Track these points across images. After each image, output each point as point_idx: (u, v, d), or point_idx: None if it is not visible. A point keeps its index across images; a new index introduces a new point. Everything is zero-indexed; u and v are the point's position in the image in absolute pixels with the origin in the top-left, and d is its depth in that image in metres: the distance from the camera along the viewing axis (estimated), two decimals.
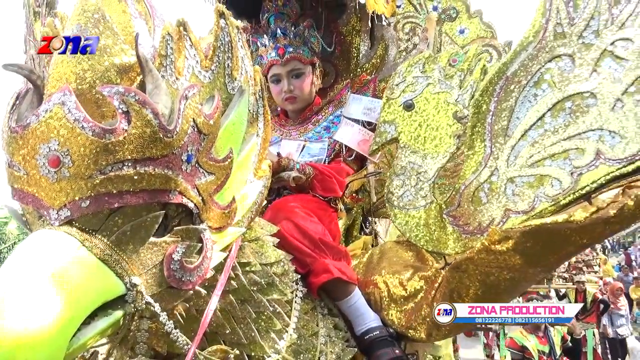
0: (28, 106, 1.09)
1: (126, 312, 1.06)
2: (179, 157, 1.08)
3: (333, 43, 2.46)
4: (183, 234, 1.15)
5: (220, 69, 1.28)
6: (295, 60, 2.20)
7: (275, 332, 1.51)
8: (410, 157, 1.83)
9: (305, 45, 2.27)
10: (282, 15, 2.28)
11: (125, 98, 1.00)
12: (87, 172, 0.98)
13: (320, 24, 2.43)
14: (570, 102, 1.59)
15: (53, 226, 1.00)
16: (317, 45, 2.33)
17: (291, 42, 2.22)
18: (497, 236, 1.50)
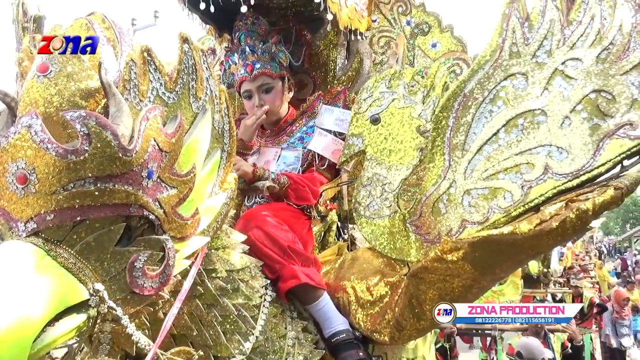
0: (4, 126, 1.19)
1: (90, 315, 1.16)
2: (139, 173, 1.18)
3: (302, 56, 2.53)
4: (145, 244, 1.24)
5: (185, 90, 1.38)
6: (264, 75, 2.28)
7: (240, 335, 1.60)
8: (375, 168, 1.92)
9: (274, 60, 2.34)
10: (251, 33, 2.36)
11: (86, 122, 1.09)
12: (52, 189, 1.08)
13: (290, 38, 2.51)
14: (522, 118, 1.68)
15: (21, 237, 1.10)
16: (285, 60, 2.39)
17: (259, 59, 2.30)
18: (448, 246, 1.59)
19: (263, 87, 2.30)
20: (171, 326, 1.38)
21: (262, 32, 2.38)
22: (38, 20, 2.45)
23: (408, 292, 1.75)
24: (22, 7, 2.53)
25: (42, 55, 1.18)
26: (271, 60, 2.31)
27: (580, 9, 1.70)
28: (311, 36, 2.57)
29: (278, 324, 1.80)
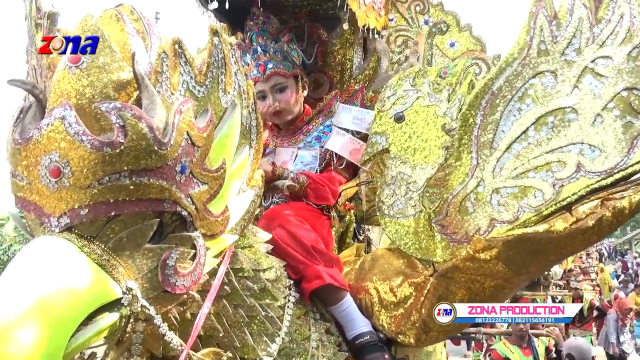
0: (31, 119, 1.15)
1: (122, 314, 1.12)
2: (173, 168, 1.14)
3: (314, 54, 2.50)
4: (177, 241, 1.21)
5: (214, 84, 1.34)
6: (277, 75, 2.25)
7: (267, 336, 1.56)
8: (400, 167, 1.89)
9: (286, 59, 2.31)
10: (263, 33, 2.33)
11: (122, 113, 1.06)
12: (86, 182, 1.04)
13: (302, 36, 2.48)
14: (552, 116, 1.65)
15: (53, 233, 1.06)
16: (297, 58, 2.36)
17: (272, 58, 2.27)
18: (481, 245, 1.56)
19: (276, 87, 2.27)
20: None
21: (273, 31, 2.35)
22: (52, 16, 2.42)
23: (436, 292, 1.72)
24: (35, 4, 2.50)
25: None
26: (284, 60, 2.28)
27: (609, 7, 1.68)
28: (327, 35, 2.54)
29: (302, 326, 1.76)
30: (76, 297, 1.01)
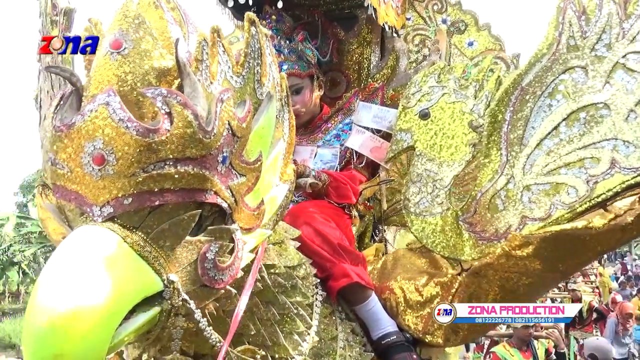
0: (68, 107, 1.11)
1: (163, 308, 1.08)
2: (215, 157, 1.11)
3: (329, 51, 2.47)
4: (216, 234, 1.17)
5: (250, 74, 1.31)
6: (292, 76, 2.20)
7: (298, 334, 1.53)
8: (426, 164, 1.87)
9: (301, 59, 2.28)
10: (276, 32, 2.29)
11: (168, 99, 1.03)
12: (130, 170, 1.01)
13: (316, 33, 2.46)
14: (584, 112, 1.64)
15: (96, 222, 1.02)
16: (312, 57, 2.32)
17: (286, 59, 2.24)
18: (517, 241, 1.54)
19: (292, 88, 2.23)
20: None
21: (286, 30, 2.33)
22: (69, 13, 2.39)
23: (467, 291, 1.69)
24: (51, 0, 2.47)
25: (114, 32, 1.10)
26: (298, 60, 2.25)
27: (638, 3, 1.68)
28: (344, 34, 2.53)
29: (329, 325, 1.73)
30: (121, 289, 0.97)
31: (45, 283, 0.91)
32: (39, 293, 0.90)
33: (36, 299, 0.90)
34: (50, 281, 0.91)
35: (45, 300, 0.89)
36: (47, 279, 0.91)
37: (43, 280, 0.92)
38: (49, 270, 0.93)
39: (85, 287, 0.91)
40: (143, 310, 1.05)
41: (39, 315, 0.88)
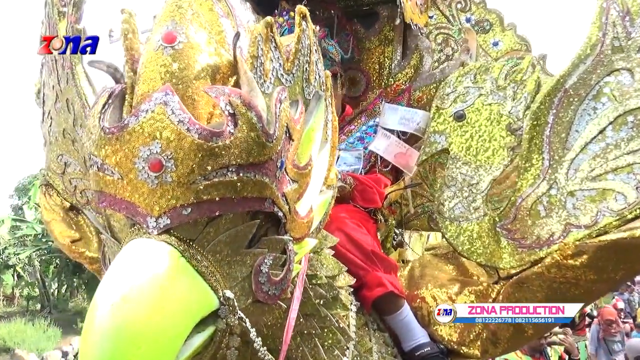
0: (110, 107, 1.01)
1: (218, 328, 0.98)
2: (275, 163, 1.02)
3: (350, 47, 2.40)
4: (270, 245, 1.08)
5: (300, 72, 1.22)
6: None
7: (338, 349, 1.44)
8: (461, 168, 1.80)
9: (324, 57, 2.20)
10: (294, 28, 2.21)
11: (232, 99, 0.93)
12: (191, 178, 0.91)
13: (333, 31, 2.38)
14: (632, 116, 1.59)
15: (151, 235, 0.92)
16: (336, 54, 2.26)
17: None
18: (570, 251, 1.48)
19: None
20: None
21: None
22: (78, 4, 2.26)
23: (509, 301, 1.63)
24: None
25: (167, 23, 1.00)
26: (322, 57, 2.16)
27: None
28: (365, 31, 2.45)
29: (364, 337, 1.65)
30: (183, 309, 0.88)
31: (104, 302, 0.81)
32: (98, 314, 0.80)
33: (96, 320, 0.80)
34: (110, 301, 0.81)
35: (106, 323, 0.79)
36: (106, 298, 0.82)
37: (101, 299, 0.82)
38: (106, 288, 0.84)
39: (148, 309, 0.82)
40: (198, 331, 0.96)
41: (101, 338, 0.78)
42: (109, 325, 0.79)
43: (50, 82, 2.34)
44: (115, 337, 0.78)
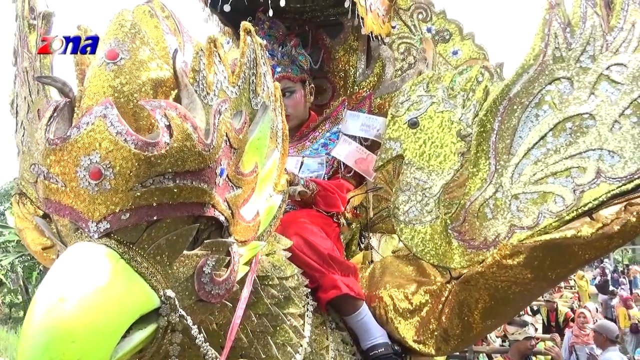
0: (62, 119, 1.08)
1: (159, 325, 1.05)
2: (213, 170, 1.09)
3: (320, 59, 2.51)
4: (213, 247, 1.15)
5: (246, 84, 1.30)
6: (285, 79, 2.22)
7: (291, 346, 1.51)
8: (415, 173, 1.88)
9: (294, 63, 2.30)
10: (269, 37, 2.30)
11: (167, 112, 1.00)
12: (129, 185, 0.98)
13: (307, 42, 2.48)
14: (570, 122, 1.67)
15: (92, 239, 0.99)
16: (305, 63, 2.35)
17: (279, 62, 2.25)
18: (508, 250, 1.56)
19: (284, 90, 2.23)
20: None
21: (279, 36, 2.33)
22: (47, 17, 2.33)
23: (457, 299, 1.70)
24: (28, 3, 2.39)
25: (110, 41, 1.07)
26: (291, 64, 2.26)
27: (620, 16, 1.72)
28: (330, 41, 2.53)
29: (320, 335, 1.72)
30: (119, 308, 0.94)
31: (42, 302, 0.88)
32: (35, 312, 0.87)
33: (33, 318, 0.86)
34: (47, 301, 0.88)
35: (42, 320, 0.86)
36: (44, 298, 0.88)
37: (40, 299, 0.89)
38: (45, 289, 0.90)
39: (83, 307, 0.88)
40: (139, 328, 1.02)
41: (36, 335, 0.85)
42: (44, 322, 0.85)
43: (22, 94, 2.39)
44: (49, 332, 0.84)
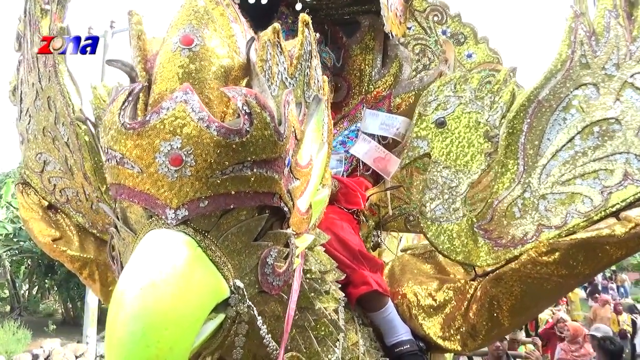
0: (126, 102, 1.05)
1: (227, 315, 1.04)
2: (284, 161, 1.09)
3: (341, 58, 2.53)
4: (275, 239, 1.14)
5: (301, 77, 1.30)
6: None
7: (331, 341, 1.51)
8: (442, 172, 1.90)
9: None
10: (293, 33, 2.29)
11: (249, 100, 1.00)
12: (209, 172, 0.97)
13: (327, 40, 2.49)
14: (597, 126, 1.73)
15: (170, 226, 0.97)
16: (329, 60, 2.38)
17: None
18: (544, 248, 1.59)
19: None
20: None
21: None
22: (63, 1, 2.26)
23: (487, 296, 1.73)
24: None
25: (184, 27, 1.06)
26: None
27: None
28: (347, 39, 2.54)
29: (350, 331, 1.73)
30: (200, 296, 0.93)
31: (133, 288, 0.86)
32: (126, 298, 0.85)
33: (126, 302, 0.84)
34: (138, 286, 0.86)
35: (137, 305, 0.84)
36: (135, 284, 0.86)
37: (129, 285, 0.87)
38: (133, 275, 0.88)
39: (175, 294, 0.87)
40: (210, 318, 1.01)
41: (131, 321, 0.83)
42: (140, 308, 0.83)
43: (30, 80, 2.32)
44: (146, 317, 0.83)
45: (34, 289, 13.00)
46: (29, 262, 11.78)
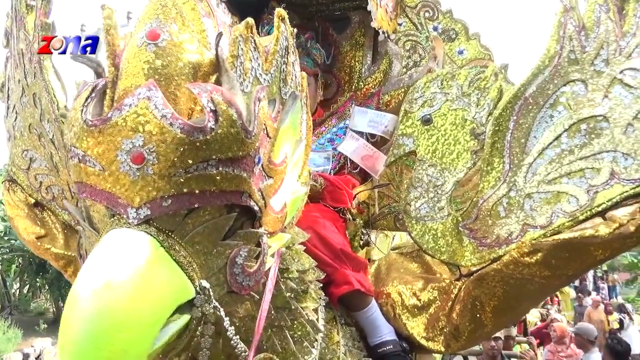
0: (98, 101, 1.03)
1: (193, 316, 1.02)
2: (253, 159, 1.06)
3: (331, 55, 2.50)
4: (245, 238, 1.12)
5: (277, 73, 1.27)
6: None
7: (308, 341, 1.49)
8: (428, 170, 1.88)
9: (308, 56, 2.28)
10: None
11: (214, 97, 0.97)
12: (172, 171, 0.95)
13: (318, 36, 2.47)
14: (585, 124, 1.69)
15: (131, 225, 0.95)
16: (319, 57, 2.35)
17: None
18: (527, 248, 1.57)
19: None
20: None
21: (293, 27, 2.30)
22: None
23: (470, 296, 1.71)
24: None
25: (151, 21, 1.03)
26: (306, 56, 2.23)
27: (632, 22, 1.75)
28: (337, 36, 2.51)
29: (331, 330, 1.71)
30: (161, 297, 0.91)
31: (87, 288, 0.84)
32: (80, 299, 0.83)
33: (78, 305, 0.82)
34: (92, 287, 0.84)
35: (89, 306, 0.82)
36: (89, 284, 0.84)
37: (83, 285, 0.85)
38: (88, 275, 0.86)
39: (130, 296, 0.85)
40: (173, 319, 0.99)
41: (84, 322, 0.81)
42: (92, 310, 0.81)
43: (16, 76, 2.30)
44: (98, 321, 0.81)
45: (25, 288, 12.98)
46: (20, 261, 11.76)
